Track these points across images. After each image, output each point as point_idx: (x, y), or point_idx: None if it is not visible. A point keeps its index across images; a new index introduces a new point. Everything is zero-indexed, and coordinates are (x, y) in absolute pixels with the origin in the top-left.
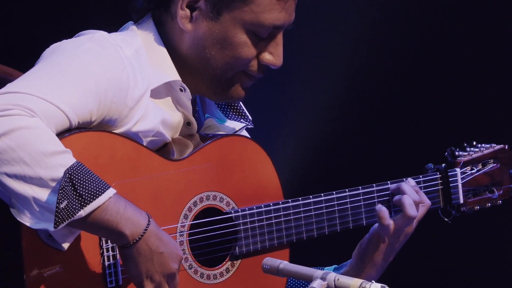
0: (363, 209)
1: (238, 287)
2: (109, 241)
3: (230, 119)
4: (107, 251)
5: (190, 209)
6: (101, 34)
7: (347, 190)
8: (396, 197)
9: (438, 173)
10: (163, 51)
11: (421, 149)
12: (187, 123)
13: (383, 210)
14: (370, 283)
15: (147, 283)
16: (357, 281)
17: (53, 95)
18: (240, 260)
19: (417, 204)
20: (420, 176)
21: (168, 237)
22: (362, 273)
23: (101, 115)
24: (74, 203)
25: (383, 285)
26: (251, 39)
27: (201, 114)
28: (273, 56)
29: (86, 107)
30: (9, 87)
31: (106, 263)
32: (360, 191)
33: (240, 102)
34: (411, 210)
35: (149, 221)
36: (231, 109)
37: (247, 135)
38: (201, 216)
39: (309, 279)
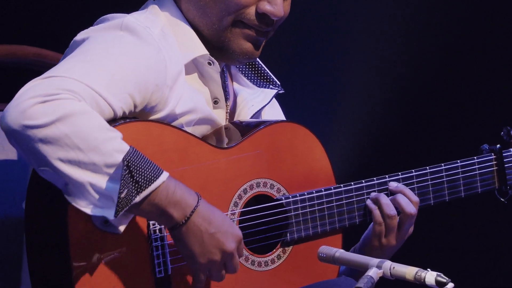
0: (416, 192)
1: (290, 273)
2: (157, 231)
3: (259, 86)
4: (156, 241)
5: (240, 197)
6: (128, 19)
7: (400, 173)
8: (390, 198)
9: (492, 154)
10: (187, 26)
11: (476, 131)
12: (214, 101)
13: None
14: (426, 271)
15: (200, 265)
16: (413, 269)
17: (94, 82)
18: (291, 247)
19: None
20: (475, 157)
21: (222, 217)
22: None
23: (143, 100)
24: (132, 190)
25: (439, 273)
26: None
27: (229, 87)
28: (271, 5)
29: (127, 93)
30: (50, 72)
31: (155, 253)
32: (414, 173)
33: (266, 69)
34: (408, 207)
35: (198, 202)
36: (258, 77)
37: (276, 103)
38: (251, 203)
39: (365, 268)
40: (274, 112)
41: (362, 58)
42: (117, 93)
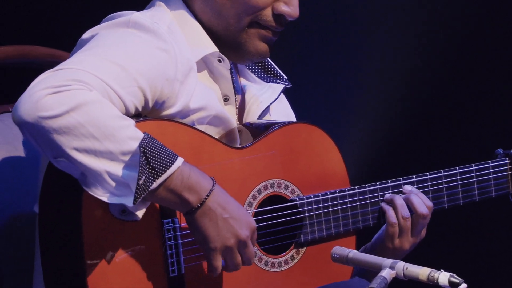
0: (430, 195)
1: (304, 274)
2: (171, 230)
3: (266, 81)
4: (169, 240)
5: (254, 197)
6: (136, 16)
7: (414, 176)
8: (403, 196)
9: (507, 158)
10: (195, 23)
11: (491, 135)
12: (225, 99)
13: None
14: (439, 272)
15: (214, 250)
16: (426, 270)
17: (104, 75)
18: (305, 248)
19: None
20: (489, 161)
21: (237, 205)
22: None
23: (154, 95)
24: (149, 176)
25: (452, 274)
26: None
27: (238, 83)
28: (288, 6)
29: (138, 86)
30: (62, 64)
31: (168, 252)
32: (428, 176)
33: (273, 63)
34: (421, 208)
35: (213, 186)
36: (265, 72)
37: (284, 98)
38: (265, 204)
39: (378, 268)
40: (283, 107)
41: (378, 57)
42: (126, 86)
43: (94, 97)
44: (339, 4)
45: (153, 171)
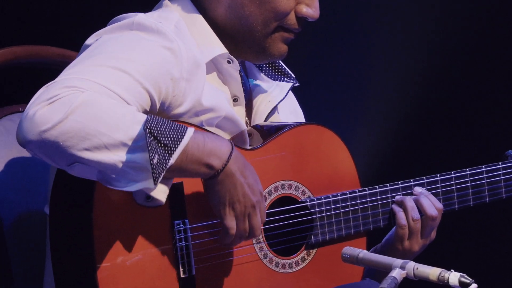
0: (441, 197)
1: (314, 276)
2: (182, 231)
3: (274, 79)
4: (180, 241)
5: (265, 198)
6: (139, 17)
7: (424, 177)
8: (413, 198)
9: None
10: (204, 23)
11: (501, 136)
12: (234, 99)
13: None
14: (449, 272)
15: (228, 211)
16: (436, 270)
17: (103, 79)
18: (316, 249)
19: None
20: (499, 163)
21: (252, 169)
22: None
23: (160, 95)
24: (163, 154)
25: (462, 274)
26: None
27: (247, 83)
28: (310, 7)
29: (143, 87)
30: (56, 79)
31: (179, 253)
32: (439, 178)
33: (280, 61)
34: (430, 209)
35: (232, 149)
36: (273, 70)
37: (292, 95)
38: (276, 205)
39: (389, 268)
40: (290, 105)
41: (388, 57)
42: (131, 89)
43: (88, 96)
44: (351, 3)
45: (166, 148)
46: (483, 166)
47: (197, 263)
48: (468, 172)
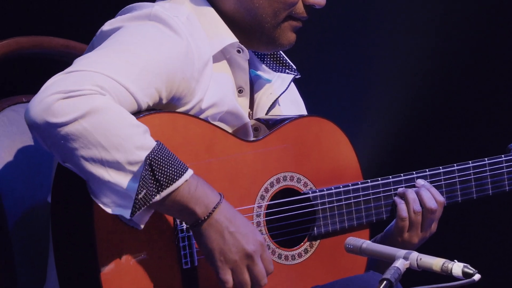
0: (444, 189)
1: (317, 267)
2: (184, 222)
3: (275, 71)
4: (182, 232)
5: (266, 190)
6: (157, 9)
7: (427, 170)
8: (415, 190)
9: None
10: (214, 14)
11: (504, 130)
12: (239, 90)
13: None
14: (453, 262)
15: (221, 263)
16: (440, 261)
17: (120, 75)
18: (318, 241)
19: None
20: (502, 155)
21: (244, 220)
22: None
23: (170, 94)
24: (152, 189)
25: (465, 264)
26: None
27: (250, 74)
28: None
29: (155, 87)
30: (75, 65)
31: (181, 244)
32: (441, 170)
33: (282, 53)
34: (430, 202)
35: (220, 199)
36: (275, 62)
37: (293, 85)
38: (278, 197)
39: (392, 259)
40: (291, 95)
41: (393, 48)
42: (144, 87)
43: (105, 103)
44: None
45: (157, 184)
46: (486, 159)
47: (199, 254)
48: (471, 165)
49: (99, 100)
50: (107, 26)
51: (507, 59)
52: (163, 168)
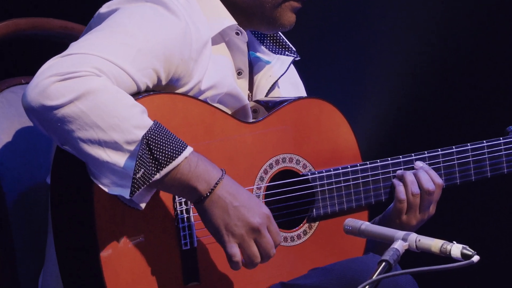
0: (442, 171)
1: (316, 249)
2: (183, 203)
3: (275, 53)
4: (181, 213)
5: (266, 171)
6: None
7: (426, 152)
8: (413, 172)
9: None
10: None
11: (502, 112)
12: (238, 72)
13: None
14: (452, 244)
15: (227, 238)
16: (438, 242)
17: (118, 57)
18: (317, 222)
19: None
20: (501, 138)
21: (248, 193)
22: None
23: (168, 74)
24: (151, 168)
25: (464, 246)
26: None
27: (250, 56)
28: None
29: (152, 68)
30: (72, 48)
31: (180, 225)
32: (440, 152)
33: (281, 35)
34: (427, 184)
35: (222, 175)
36: (275, 44)
37: (293, 67)
38: (277, 179)
39: (391, 240)
40: (291, 77)
41: (391, 31)
42: (142, 68)
43: (102, 84)
44: None
45: (156, 162)
46: (485, 141)
47: (199, 235)
48: (470, 147)
49: (95, 81)
50: (105, 8)
51: (508, 47)
52: (161, 147)
